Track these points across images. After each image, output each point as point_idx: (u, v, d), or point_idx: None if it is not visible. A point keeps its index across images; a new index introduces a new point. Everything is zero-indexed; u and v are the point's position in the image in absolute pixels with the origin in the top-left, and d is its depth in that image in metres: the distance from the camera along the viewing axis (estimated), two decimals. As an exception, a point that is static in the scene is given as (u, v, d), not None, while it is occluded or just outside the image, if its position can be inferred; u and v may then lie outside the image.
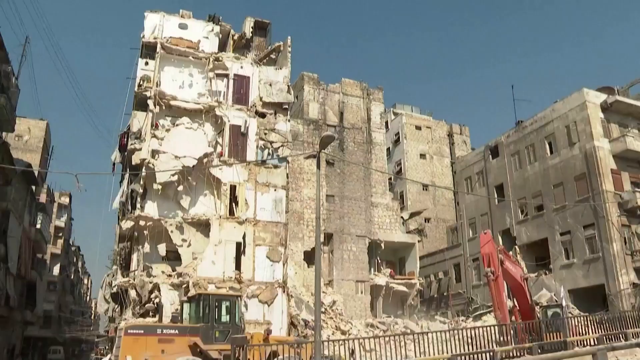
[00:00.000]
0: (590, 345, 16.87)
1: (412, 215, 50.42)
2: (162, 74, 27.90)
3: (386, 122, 54.72)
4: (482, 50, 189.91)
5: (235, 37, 32.01)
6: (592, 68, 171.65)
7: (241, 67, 29.75)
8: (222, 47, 31.04)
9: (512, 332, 21.06)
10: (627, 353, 16.69)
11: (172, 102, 27.21)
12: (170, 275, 25.01)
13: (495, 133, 55.89)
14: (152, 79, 27.27)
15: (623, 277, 30.66)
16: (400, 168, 55.29)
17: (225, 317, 17.78)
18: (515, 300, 24.24)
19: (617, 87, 39.59)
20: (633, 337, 18.73)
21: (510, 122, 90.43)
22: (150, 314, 24.00)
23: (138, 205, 25.55)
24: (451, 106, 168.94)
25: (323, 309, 30.93)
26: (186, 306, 18.95)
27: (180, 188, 26.18)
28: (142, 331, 16.50)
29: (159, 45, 27.97)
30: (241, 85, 29.50)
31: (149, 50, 28.48)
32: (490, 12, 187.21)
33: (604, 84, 38.87)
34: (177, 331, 16.95)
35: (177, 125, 26.97)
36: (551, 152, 36.55)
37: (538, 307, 24.67)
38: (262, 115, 29.40)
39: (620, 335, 20.34)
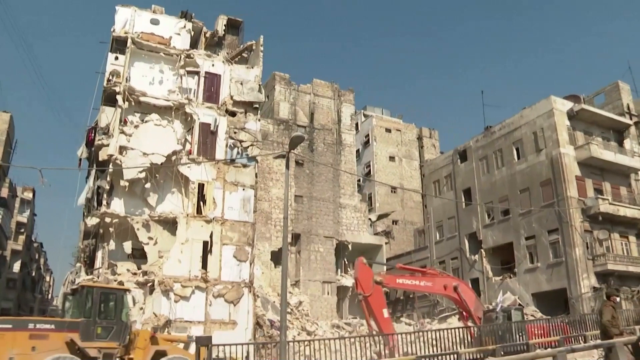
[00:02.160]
0: (552, 347, 17.20)
1: (380, 217, 50.75)
2: (132, 69, 27.53)
3: (356, 124, 55.08)
4: (453, 55, 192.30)
5: (208, 35, 31.76)
6: (560, 76, 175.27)
7: (212, 65, 29.57)
8: (194, 44, 30.79)
9: (475, 335, 21.52)
10: (586, 355, 17.08)
11: (142, 98, 26.87)
12: (135, 274, 24.73)
13: (464, 137, 56.85)
14: (122, 74, 26.87)
15: (584, 281, 31.39)
16: (370, 170, 55.62)
17: (110, 313, 16.10)
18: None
19: (583, 96, 40.58)
20: (591, 339, 19.20)
21: (479, 127, 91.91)
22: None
23: (104, 202, 25.17)
24: (421, 110, 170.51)
25: (289, 310, 30.95)
26: (69, 299, 17.32)
27: (148, 185, 25.88)
28: (10, 326, 14.68)
29: (129, 40, 27.59)
30: (212, 83, 29.32)
31: (119, 45, 28.07)
32: (461, 18, 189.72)
33: (571, 93, 39.79)
34: (53, 326, 15.17)
35: (146, 121, 26.65)
36: (518, 158, 37.16)
37: (493, 311, 24.92)
38: (233, 114, 29.26)
39: (580, 338, 20.87)
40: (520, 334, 21.50)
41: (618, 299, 15.82)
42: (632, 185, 36.87)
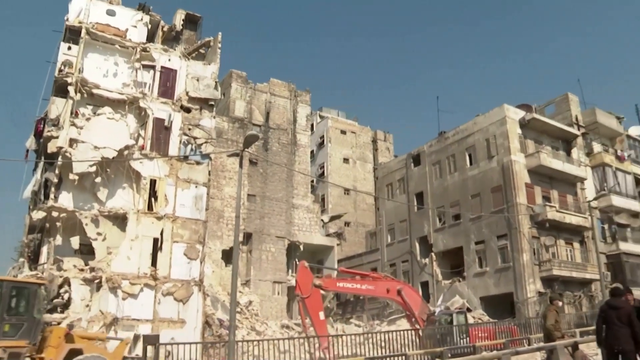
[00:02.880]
0: (497, 350, 17.69)
1: (332, 218, 51.01)
2: (86, 60, 26.85)
3: (312, 125, 55.24)
4: (410, 60, 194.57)
5: (165, 29, 31.28)
6: (513, 86, 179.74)
7: (169, 60, 29.15)
8: (150, 37, 30.27)
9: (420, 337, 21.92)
10: (529, 357, 17.60)
11: (95, 91, 26.26)
12: (82, 270, 24.12)
13: (418, 142, 57.70)
14: (75, 64, 26.18)
15: (530, 286, 32.32)
16: (323, 171, 55.83)
17: (21, 309, 14.71)
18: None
19: (534, 106, 41.74)
20: (535, 342, 19.81)
21: (433, 132, 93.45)
22: (59, 309, 23.06)
23: (52, 196, 24.43)
24: (377, 113, 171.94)
25: (239, 309, 30.79)
26: None
27: (98, 180, 25.30)
28: None
29: (83, 30, 26.88)
30: (168, 78, 28.90)
31: (72, 35, 27.29)
32: (421, 23, 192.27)
33: (523, 102, 40.84)
34: None
35: (98, 114, 26.05)
36: (471, 164, 37.92)
37: (436, 314, 25.37)
38: (188, 110, 28.91)
39: (525, 341, 21.53)
40: (462, 336, 22.03)
41: (561, 303, 16.36)
42: (578, 194, 38.09)
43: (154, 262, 25.59)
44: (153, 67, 28.64)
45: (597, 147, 40.88)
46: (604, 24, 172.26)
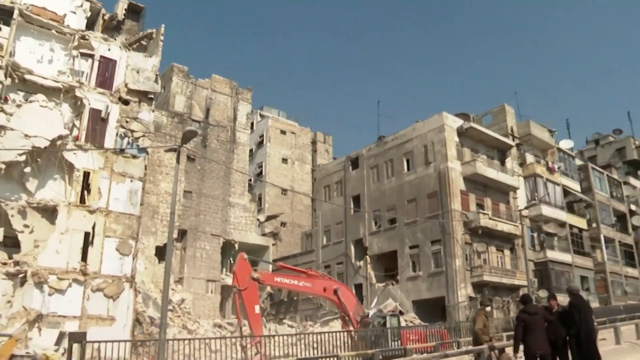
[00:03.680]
0: (428, 352, 18.06)
1: (268, 218, 50.90)
2: (18, 43, 25.61)
3: (252, 123, 54.97)
4: (353, 63, 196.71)
5: (106, 17, 30.28)
6: (453, 94, 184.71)
7: (109, 50, 28.23)
8: (90, 25, 29.21)
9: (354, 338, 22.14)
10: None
11: (27, 76, 25.10)
12: (5, 264, 23.02)
13: (357, 145, 58.21)
14: (6, 47, 24.86)
15: (461, 291, 33.21)
16: (262, 170, 55.65)
17: None
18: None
19: (472, 115, 43.01)
20: (464, 346, 20.38)
21: (372, 136, 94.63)
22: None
23: (-25, 185, 23.25)
24: (317, 114, 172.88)
25: (171, 307, 30.24)
26: None
27: (28, 169, 24.18)
28: None
29: (16, 11, 25.52)
30: (106, 68, 27.98)
31: (4, 15, 25.92)
32: (364, 28, 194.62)
33: (462, 111, 42.01)
34: None
35: (30, 101, 24.89)
36: (408, 169, 38.57)
37: (370, 317, 25.74)
38: (126, 102, 28.12)
39: (455, 344, 22.10)
40: (395, 339, 22.41)
41: (489, 308, 16.95)
42: (510, 203, 39.45)
43: (84, 257, 24.71)
44: (92, 56, 27.66)
45: (530, 158, 42.53)
46: (541, 39, 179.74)
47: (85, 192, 25.78)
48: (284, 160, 56.94)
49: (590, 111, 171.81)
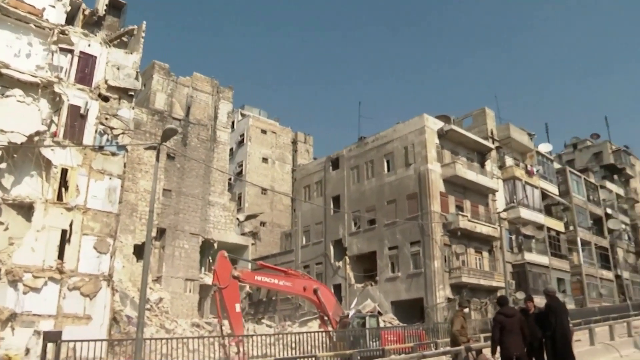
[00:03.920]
0: (406, 353, 18.15)
1: (248, 217, 50.77)
2: (-5, 37, 25.20)
3: (233, 122, 54.78)
4: (334, 64, 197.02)
5: (87, 13, 29.86)
6: (434, 97, 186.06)
7: (89, 45, 27.83)
8: (70, 20, 28.78)
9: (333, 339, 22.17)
10: (435, 361, 18.26)
11: (4, 71, 24.61)
12: (-22, 261, 22.63)
13: (338, 146, 58.32)
14: (-19, 40, 24.50)
15: (440, 292, 33.37)
16: (242, 170, 55.50)
17: None
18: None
19: (453, 117, 43.29)
20: (442, 347, 20.54)
21: (353, 137, 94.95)
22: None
23: (-52, 180, 22.79)
24: (298, 114, 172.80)
25: (148, 306, 30.03)
26: None
27: (3, 165, 23.75)
28: None
29: (-7, 4, 25.19)
30: (86, 64, 27.59)
31: (-21, 6, 25.51)
32: (346, 30, 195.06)
33: (442, 113, 42.29)
34: None
35: (7, 96, 24.43)
36: (388, 170, 38.66)
37: (348, 317, 25.82)
38: (106, 99, 27.76)
39: (432, 345, 22.25)
40: (374, 340, 22.49)
41: (467, 309, 17.09)
42: (489, 205, 39.76)
43: (61, 255, 24.32)
44: (71, 52, 27.24)
45: (509, 161, 42.95)
46: (522, 43, 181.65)
47: (63, 189, 25.41)
48: (265, 160, 56.84)
49: (569, 116, 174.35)
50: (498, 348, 10.14)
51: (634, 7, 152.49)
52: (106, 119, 27.48)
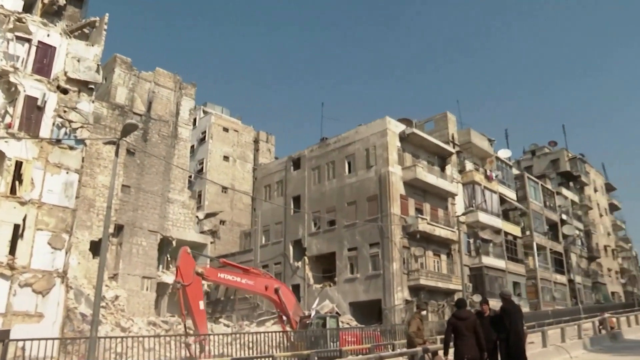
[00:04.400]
0: (363, 354, 18.26)
1: (207, 215, 50.35)
2: (-54, 23, 24.35)
3: (195, 119, 54.28)
4: (299, 65, 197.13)
5: (46, 1, 29.07)
6: (397, 100, 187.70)
7: (48, 35, 27.10)
8: (27, 8, 27.99)
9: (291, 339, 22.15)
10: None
11: (-46, 58, 23.90)
12: None
13: (300, 146, 58.31)
14: None
15: (398, 294, 33.68)
16: (202, 167, 55.05)
17: None
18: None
19: (415, 121, 43.74)
20: (399, 348, 20.74)
21: (315, 138, 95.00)
22: None
23: None
24: (261, 113, 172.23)
25: (104, 304, 29.50)
26: None
27: (-46, 157, 23.04)
28: None
29: (-57, -13, 24.31)
30: (45, 55, 26.86)
31: None
32: (310, 30, 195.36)
33: (405, 116, 42.65)
34: None
35: (-41, 85, 23.73)
36: (349, 172, 38.84)
37: (308, 317, 25.84)
38: (65, 92, 27.07)
39: (390, 346, 22.44)
40: (333, 340, 22.59)
41: (424, 312, 17.30)
42: (449, 208, 40.30)
43: (12, 251, 23.63)
44: (29, 41, 26.46)
45: (469, 165, 43.67)
46: (485, 51, 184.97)
47: (17, 183, 24.70)
48: (226, 158, 56.47)
49: (529, 123, 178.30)
50: (451, 350, 10.33)
51: (590, 19, 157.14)
52: (65, 111, 26.80)
